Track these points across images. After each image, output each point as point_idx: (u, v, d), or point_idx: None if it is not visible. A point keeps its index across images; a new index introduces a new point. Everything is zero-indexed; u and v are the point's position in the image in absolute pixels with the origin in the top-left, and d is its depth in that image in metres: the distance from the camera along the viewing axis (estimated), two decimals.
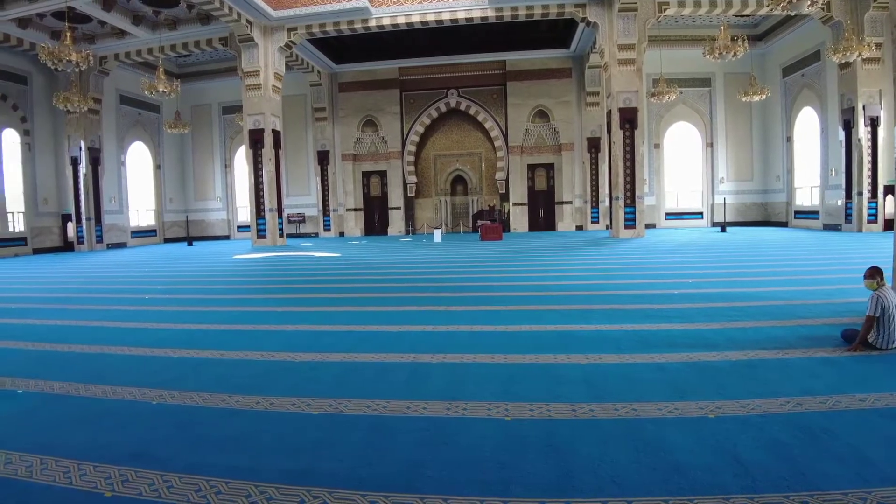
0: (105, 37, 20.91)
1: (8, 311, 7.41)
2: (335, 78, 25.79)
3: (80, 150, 21.74)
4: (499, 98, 24.51)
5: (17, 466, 2.58)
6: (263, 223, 20.24)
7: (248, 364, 4.28)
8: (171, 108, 25.56)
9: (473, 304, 6.34)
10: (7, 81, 20.37)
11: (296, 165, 26.09)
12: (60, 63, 15.39)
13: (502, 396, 3.21)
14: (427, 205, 25.93)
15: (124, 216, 24.39)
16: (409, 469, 2.36)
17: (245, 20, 18.68)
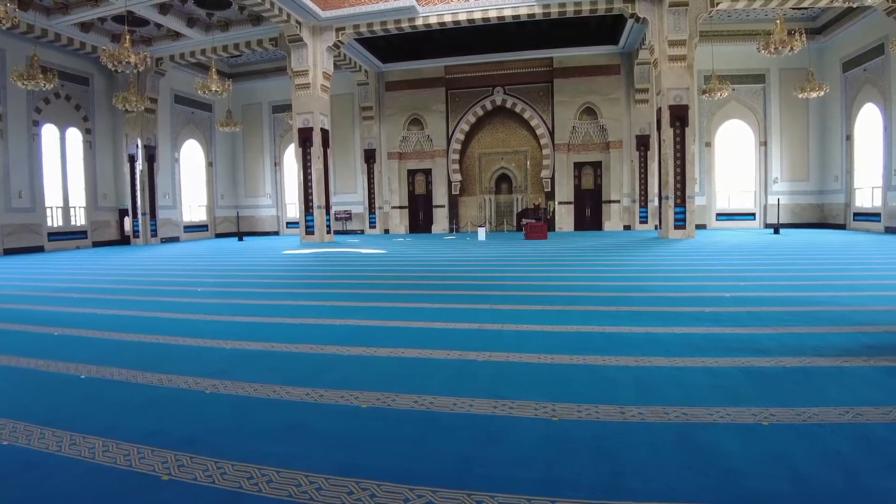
0: (161, 39, 21.66)
1: (70, 301, 7.80)
2: (382, 77, 26.04)
3: (137, 148, 22.63)
4: (545, 95, 24.31)
5: (82, 448, 2.71)
6: (312, 220, 20.63)
7: (298, 356, 4.38)
8: (222, 107, 26.34)
9: (519, 304, 6.32)
10: (71, 83, 21.33)
11: (343, 163, 26.48)
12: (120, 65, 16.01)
13: (549, 397, 3.19)
14: (471, 203, 25.95)
15: (177, 211, 25.26)
16: (456, 465, 2.38)
17: (294, 20, 19.04)
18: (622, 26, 21.02)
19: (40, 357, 4.59)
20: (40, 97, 20.20)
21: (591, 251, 13.66)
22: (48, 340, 5.34)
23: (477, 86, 25.06)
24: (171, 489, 2.26)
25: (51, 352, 4.78)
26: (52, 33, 19.24)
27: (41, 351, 4.82)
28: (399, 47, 23.72)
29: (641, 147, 23.25)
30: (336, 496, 2.13)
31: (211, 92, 19.56)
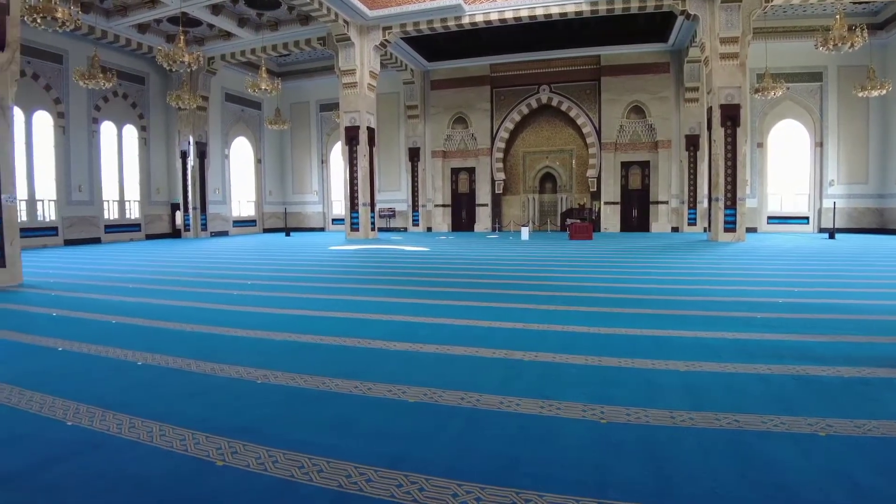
0: (213, 39, 22.27)
1: (126, 290, 8.11)
2: (427, 76, 26.15)
3: (189, 145, 23.33)
4: (592, 93, 23.98)
5: (141, 431, 2.83)
6: (357, 217, 20.90)
7: (346, 350, 4.45)
8: (271, 106, 26.91)
9: (564, 304, 6.27)
10: (128, 82, 22.14)
11: (388, 161, 26.70)
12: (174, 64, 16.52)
13: (597, 399, 3.16)
14: (514, 202, 25.82)
15: (227, 206, 25.96)
16: (504, 463, 2.38)
17: (342, 20, 19.29)
18: (671, 23, 20.56)
19: (100, 343, 4.81)
20: (99, 96, 21.05)
21: (637, 253, 13.43)
22: (107, 328, 5.58)
23: (522, 84, 24.90)
24: (225, 475, 2.34)
25: (109, 339, 4.99)
26: (111, 35, 20.03)
27: (100, 338, 5.05)
28: (445, 46, 23.79)
29: (691, 147, 22.68)
30: (385, 488, 2.16)
31: (260, 90, 20.01)
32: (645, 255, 12.88)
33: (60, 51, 19.66)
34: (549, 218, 25.43)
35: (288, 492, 2.18)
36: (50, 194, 19.78)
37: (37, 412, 3.15)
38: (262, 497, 2.15)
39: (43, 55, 19.04)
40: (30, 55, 17.85)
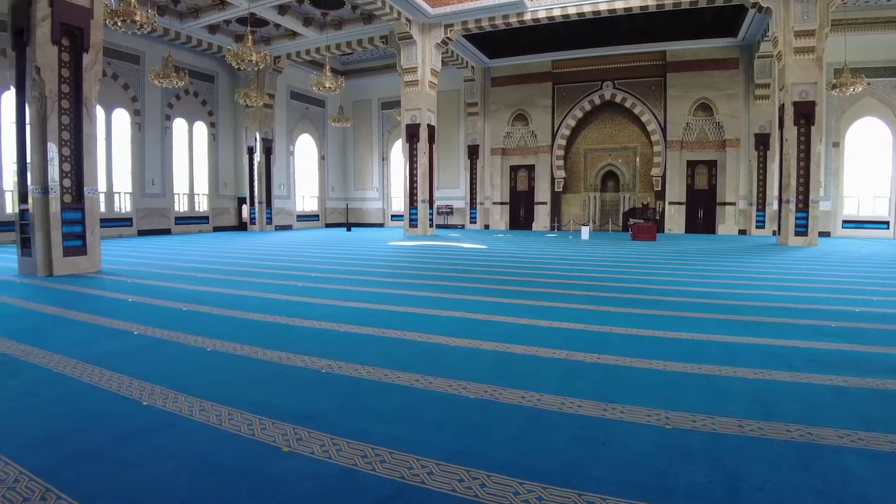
0: (279, 38, 22.90)
1: (195, 280, 8.46)
2: (488, 73, 26.09)
3: (256, 141, 24.11)
4: (657, 90, 23.35)
5: (210, 414, 2.94)
6: (416, 213, 21.08)
7: (407, 343, 4.50)
8: (335, 104, 27.47)
9: (626, 306, 6.13)
10: (199, 80, 23.07)
11: (447, 159, 26.79)
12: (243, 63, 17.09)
13: (661, 404, 3.07)
14: (575, 200, 25.44)
15: (291, 201, 26.68)
16: (566, 464, 2.35)
17: (405, 18, 19.47)
18: (742, 17, 19.73)
19: (172, 329, 5.04)
20: (172, 94, 22.06)
21: (703, 255, 13.00)
22: (178, 314, 5.84)
23: (585, 80, 24.49)
24: (290, 460, 2.40)
25: (181, 325, 5.23)
26: (183, 35, 20.95)
27: (172, 323, 5.29)
28: (506, 42, 23.64)
29: (761, 146, 21.71)
30: (447, 482, 2.17)
31: (325, 88, 20.47)
32: (711, 257, 12.46)
33: (137, 52, 20.69)
34: (610, 217, 24.93)
35: (351, 480, 2.21)
36: (126, 187, 20.88)
37: (115, 391, 3.33)
38: (326, 484, 2.19)
39: (121, 56, 20.08)
40: (110, 56, 18.83)
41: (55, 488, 2.15)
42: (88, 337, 4.86)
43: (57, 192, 9.34)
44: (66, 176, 9.47)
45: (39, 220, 9.27)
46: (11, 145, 16.04)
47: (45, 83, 9.19)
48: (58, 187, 9.34)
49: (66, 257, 9.44)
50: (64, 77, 9.49)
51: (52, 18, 9.19)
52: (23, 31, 9.30)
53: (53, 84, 9.30)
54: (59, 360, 4.01)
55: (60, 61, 9.43)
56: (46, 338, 4.78)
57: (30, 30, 9.17)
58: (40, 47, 9.13)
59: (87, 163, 9.76)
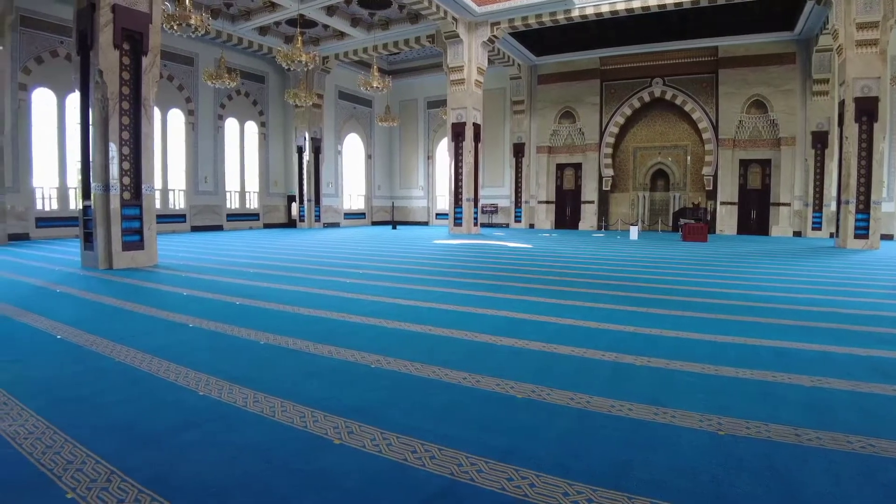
0: (327, 39, 23.28)
1: (247, 275, 8.69)
2: (534, 70, 25.89)
3: (305, 140, 24.57)
4: (709, 87, 22.71)
5: (264, 406, 3.03)
6: (460, 212, 21.11)
7: (454, 341, 4.53)
8: (381, 103, 27.78)
9: (676, 309, 6.00)
10: (250, 81, 23.67)
11: (492, 157, 26.73)
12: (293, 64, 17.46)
13: (713, 409, 3.00)
14: (623, 200, 25.01)
15: (339, 199, 27.14)
16: (615, 467, 2.32)
17: (451, 17, 19.50)
18: (799, 10, 18.97)
19: (225, 322, 5.21)
20: (224, 94, 22.71)
21: (756, 257, 12.60)
22: (231, 308, 6.02)
23: (634, 77, 24.02)
24: (341, 452, 2.45)
25: (234, 318, 5.39)
26: (235, 37, 21.54)
27: (226, 317, 5.47)
28: (553, 40, 23.39)
29: (818, 144, 20.81)
30: (496, 480, 2.18)
31: (372, 88, 20.74)
32: (765, 259, 12.06)
33: (192, 54, 21.38)
34: (660, 217, 24.40)
35: (401, 474, 2.25)
36: (180, 184, 21.60)
37: (173, 381, 3.47)
38: (377, 477, 2.23)
39: (176, 58, 20.77)
40: (166, 59, 19.48)
41: (119, 471, 2.26)
42: (147, 328, 5.06)
43: (117, 190, 9.74)
44: (125, 174, 9.87)
45: (101, 215, 9.69)
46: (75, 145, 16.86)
47: (107, 85, 9.58)
48: (118, 185, 9.74)
49: (125, 251, 9.85)
50: (124, 79, 9.88)
51: (114, 24, 9.58)
52: (87, 36, 9.73)
53: (115, 86, 9.70)
54: (120, 350, 4.20)
55: (121, 64, 9.82)
56: (108, 328, 5.01)
57: (93, 35, 9.58)
58: (103, 51, 9.53)
59: (145, 161, 10.14)
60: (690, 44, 22.42)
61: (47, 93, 17.39)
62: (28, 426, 2.74)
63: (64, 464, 2.33)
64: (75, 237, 16.70)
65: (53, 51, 17.27)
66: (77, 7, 9.97)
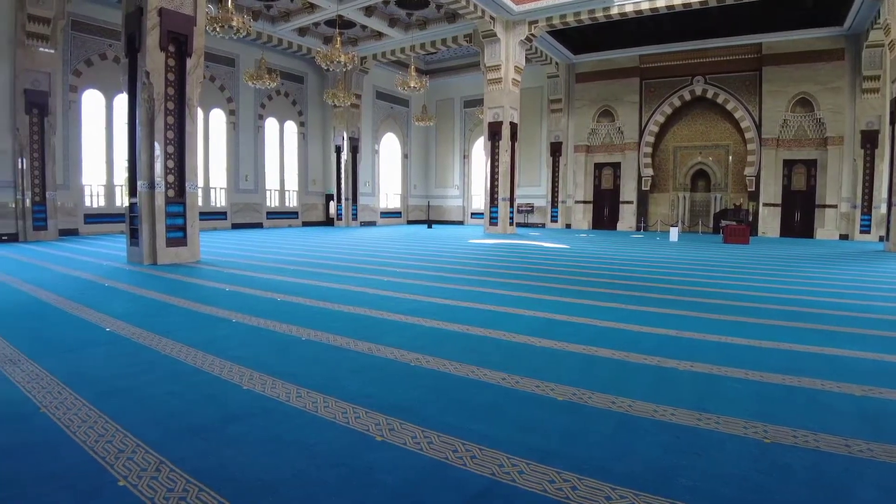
0: (365, 39, 23.49)
1: (288, 272, 8.86)
2: (572, 69, 25.64)
3: (343, 140, 24.87)
4: (752, 85, 22.11)
5: (306, 401, 3.09)
6: (496, 211, 21.06)
7: (492, 341, 4.53)
8: (418, 103, 27.92)
9: (719, 313, 5.87)
10: (289, 81, 24.06)
11: (528, 156, 26.59)
12: (332, 64, 17.67)
13: (759, 416, 2.92)
14: (662, 200, 24.58)
15: (375, 198, 27.41)
16: (659, 472, 2.29)
17: (489, 16, 19.46)
18: (848, 4, 18.24)
19: (267, 318, 5.32)
20: (265, 94, 23.13)
21: (800, 261, 12.23)
22: (273, 304, 6.14)
23: (674, 75, 23.57)
24: (383, 450, 2.48)
25: (276, 314, 5.50)
26: (275, 38, 21.91)
27: (268, 313, 5.58)
28: (591, 38, 23.10)
29: (867, 144, 19.98)
30: (538, 482, 2.17)
31: (409, 88, 20.85)
32: (810, 263, 11.70)
33: (233, 55, 21.84)
34: (700, 218, 23.89)
35: (443, 473, 2.26)
36: (221, 183, 22.08)
37: (217, 375, 3.56)
38: (418, 475, 2.25)
39: (218, 59, 21.24)
40: (208, 60, 19.89)
41: (168, 461, 2.34)
42: (191, 323, 5.20)
43: (162, 188, 10.01)
44: (169, 172, 10.14)
45: (146, 212, 9.97)
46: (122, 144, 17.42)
47: (154, 86, 9.86)
48: (162, 183, 10.02)
49: (169, 247, 10.12)
50: (169, 80, 10.15)
51: (160, 27, 9.86)
52: (134, 39, 10.03)
53: (160, 87, 9.97)
54: (166, 343, 4.32)
55: (167, 66, 10.09)
56: (154, 322, 5.16)
57: (141, 37, 9.87)
58: (150, 53, 9.80)
59: (189, 160, 10.40)
60: (733, 41, 21.89)
61: (96, 94, 17.98)
62: (81, 415, 2.86)
63: (115, 452, 2.42)
64: (120, 233, 17.27)
65: (102, 53, 17.84)
66: (125, 11, 10.28)
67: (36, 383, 3.36)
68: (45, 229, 15.52)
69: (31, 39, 15.02)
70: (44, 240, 15.32)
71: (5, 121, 14.94)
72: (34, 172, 15.25)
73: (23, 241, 14.96)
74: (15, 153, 15.06)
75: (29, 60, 15.05)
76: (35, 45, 15.10)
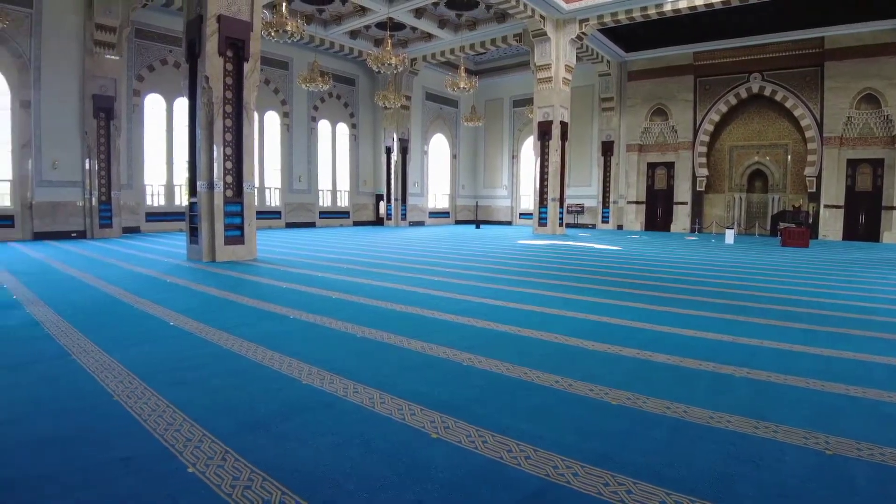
0: (415, 41, 23.69)
1: (341, 270, 9.05)
2: (624, 67, 25.23)
3: (393, 141, 25.17)
4: (813, 81, 21.17)
5: (363, 396, 3.18)
6: (545, 212, 20.92)
7: (543, 344, 4.53)
8: (467, 103, 28.00)
9: (778, 319, 5.69)
10: (341, 84, 24.52)
11: (578, 156, 26.27)
12: (383, 66, 17.90)
13: (820, 427, 2.84)
14: (718, 201, 23.90)
15: (424, 198, 27.65)
16: (715, 480, 2.26)
17: (538, 15, 19.35)
18: None
19: (323, 315, 5.48)
20: (317, 97, 23.62)
21: (866, 266, 11.68)
22: (328, 302, 6.31)
23: (730, 72, 22.85)
24: (438, 447, 2.54)
25: (331, 311, 5.67)
26: (327, 42, 22.38)
27: (323, 310, 5.75)
28: (644, 35, 22.62)
29: None
30: (592, 485, 2.19)
31: (459, 89, 20.92)
32: (876, 269, 11.15)
33: (286, 58, 22.41)
34: (757, 220, 23.10)
35: (497, 472, 2.30)
36: (275, 183, 22.68)
37: (277, 369, 3.70)
38: (473, 472, 2.29)
39: (272, 63, 21.81)
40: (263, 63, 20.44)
41: (233, 451, 2.46)
42: (250, 318, 5.40)
43: (220, 188, 10.37)
44: (228, 173, 10.49)
45: (205, 211, 10.35)
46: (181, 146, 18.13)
47: (213, 90, 10.23)
48: (221, 183, 10.37)
49: (227, 245, 10.48)
50: (227, 84, 10.50)
51: (219, 33, 10.22)
52: (195, 45, 10.43)
53: (219, 91, 10.33)
54: (227, 338, 4.51)
55: (225, 70, 10.45)
56: (215, 317, 5.38)
57: (201, 43, 10.26)
58: (209, 59, 10.17)
59: (247, 161, 10.74)
60: (792, 35, 21.04)
61: (157, 98, 18.75)
62: (151, 404, 3.02)
63: (184, 441, 2.56)
64: (179, 231, 17.96)
65: (163, 59, 18.59)
66: (186, 18, 10.70)
67: (108, 373, 3.56)
68: (111, 227, 16.27)
69: (99, 47, 15.78)
70: (109, 237, 16.07)
71: (75, 125, 15.73)
72: (101, 173, 16.02)
73: (90, 238, 15.72)
74: (83, 155, 15.85)
75: (96, 67, 15.82)
76: (102, 52, 15.86)
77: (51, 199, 15.41)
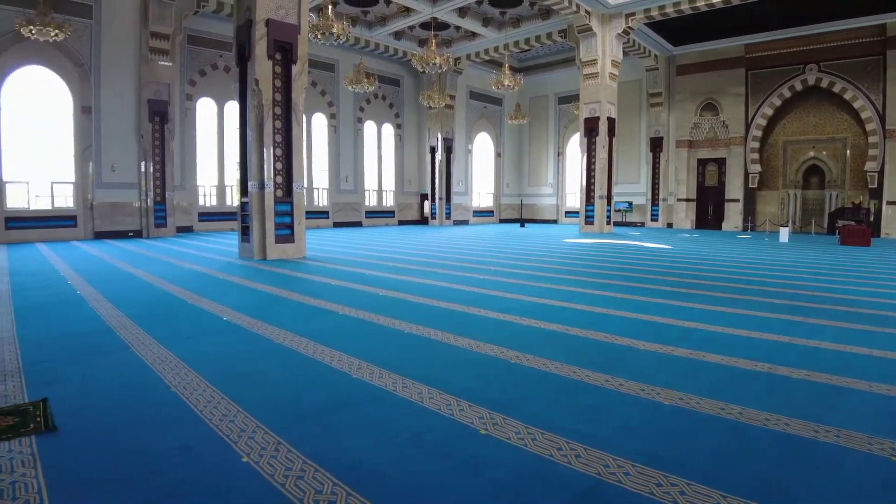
0: (459, 40, 23.70)
1: (388, 268, 9.19)
2: (673, 61, 24.64)
3: (437, 141, 25.29)
4: (874, 71, 20.15)
5: (412, 391, 3.22)
6: (592, 210, 20.65)
7: (592, 343, 4.49)
8: (512, 101, 27.87)
9: (837, 320, 5.46)
10: (386, 84, 24.75)
11: (626, 153, 25.76)
12: (427, 66, 17.99)
13: (885, 432, 2.71)
14: (771, 198, 23.10)
15: (468, 197, 27.67)
16: (772, 484, 2.20)
17: (584, 11, 19.10)
18: None
19: (371, 311, 5.58)
20: (363, 98, 23.92)
21: None
22: (376, 299, 6.41)
23: (783, 64, 21.99)
24: (488, 443, 2.55)
25: (379, 308, 5.76)
26: (372, 43, 22.65)
27: (371, 306, 5.85)
28: (692, 28, 21.97)
29: None
30: (645, 485, 2.16)
31: (503, 87, 20.85)
32: None
33: (332, 60, 22.77)
34: (814, 218, 22.18)
35: (547, 470, 2.29)
36: (323, 183, 23.08)
37: (328, 363, 3.79)
38: (524, 470, 2.29)
39: (319, 65, 22.18)
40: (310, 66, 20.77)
41: (286, 442, 2.53)
42: (301, 314, 5.53)
43: (271, 188, 10.63)
44: (278, 173, 10.74)
45: (256, 211, 10.62)
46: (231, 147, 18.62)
47: (263, 93, 10.48)
48: (271, 183, 10.63)
49: (277, 244, 10.74)
50: (276, 87, 10.75)
51: (267, 37, 10.47)
52: (244, 49, 10.70)
53: (269, 93, 10.58)
54: (278, 333, 4.63)
55: (274, 73, 10.70)
56: (267, 312, 5.53)
57: (250, 47, 10.53)
58: (258, 62, 10.43)
59: (296, 162, 10.97)
60: (851, 23, 20.01)
61: (209, 101, 19.34)
62: (206, 395, 3.14)
63: (238, 431, 2.64)
64: (230, 230, 18.46)
65: (214, 64, 19.16)
66: (236, 23, 11.00)
67: (166, 366, 3.71)
68: (165, 226, 16.87)
69: (154, 54, 16.40)
70: (164, 236, 16.67)
71: (131, 128, 16.38)
72: (155, 175, 16.63)
73: (146, 238, 16.34)
74: (139, 157, 16.48)
75: (151, 73, 16.42)
76: (156, 59, 16.46)
77: (110, 200, 16.10)
